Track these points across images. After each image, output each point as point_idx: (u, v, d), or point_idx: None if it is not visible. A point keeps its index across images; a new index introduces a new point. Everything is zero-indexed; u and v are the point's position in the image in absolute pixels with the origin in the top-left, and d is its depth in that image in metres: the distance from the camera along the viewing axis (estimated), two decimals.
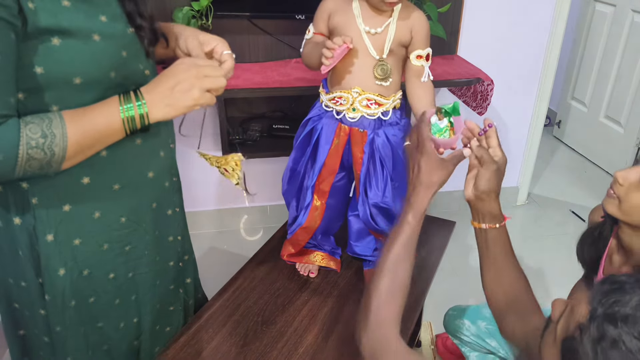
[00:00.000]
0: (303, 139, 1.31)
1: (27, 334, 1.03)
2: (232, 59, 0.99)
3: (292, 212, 1.40)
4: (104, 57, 0.83)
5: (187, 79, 0.86)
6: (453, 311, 1.46)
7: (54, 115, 0.78)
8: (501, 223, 1.03)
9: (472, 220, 1.06)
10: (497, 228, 1.02)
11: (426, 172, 0.94)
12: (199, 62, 0.89)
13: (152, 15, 0.94)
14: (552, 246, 2.41)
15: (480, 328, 1.37)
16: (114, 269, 0.99)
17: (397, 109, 1.28)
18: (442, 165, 0.95)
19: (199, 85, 0.86)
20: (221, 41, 1.01)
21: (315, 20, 1.26)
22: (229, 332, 1.18)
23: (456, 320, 1.42)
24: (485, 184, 0.99)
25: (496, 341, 1.34)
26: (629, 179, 0.92)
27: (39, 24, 0.75)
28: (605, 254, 1.07)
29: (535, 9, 2.26)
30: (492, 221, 1.02)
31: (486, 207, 1.02)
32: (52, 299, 0.94)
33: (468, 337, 1.39)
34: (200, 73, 0.87)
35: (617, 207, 0.95)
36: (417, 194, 0.94)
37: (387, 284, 0.91)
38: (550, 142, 3.50)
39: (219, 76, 0.89)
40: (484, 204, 1.01)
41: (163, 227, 1.07)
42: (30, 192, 0.87)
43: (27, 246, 0.91)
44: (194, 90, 0.86)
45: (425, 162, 0.94)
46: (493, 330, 1.35)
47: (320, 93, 1.31)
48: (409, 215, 0.93)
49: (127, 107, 0.83)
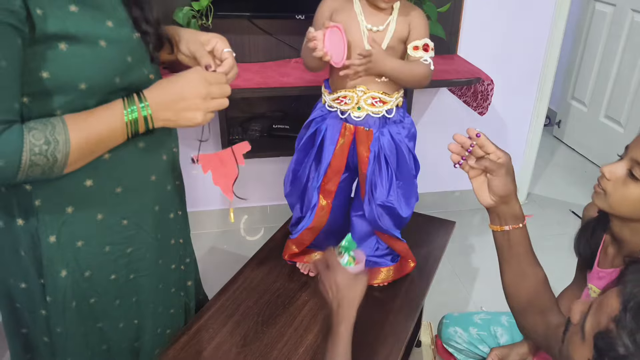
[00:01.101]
0: (306, 140, 1.31)
1: (29, 333, 1.03)
2: (232, 56, 0.99)
3: (297, 214, 1.40)
4: (110, 63, 0.83)
5: (194, 101, 0.86)
6: (446, 319, 1.47)
7: (57, 121, 0.78)
8: (523, 222, 1.03)
9: (491, 224, 1.05)
10: (520, 228, 1.02)
11: (346, 288, 1.01)
12: (209, 77, 0.89)
13: (159, 19, 0.94)
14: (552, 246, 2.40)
15: (472, 335, 1.38)
16: (116, 271, 0.99)
17: (400, 107, 1.28)
18: (356, 279, 1.03)
19: (204, 108, 0.87)
20: (220, 38, 1.00)
21: (316, 20, 1.25)
22: (229, 332, 1.18)
23: (449, 328, 1.43)
24: (502, 188, 0.99)
25: (488, 347, 1.35)
26: (616, 173, 0.95)
27: (47, 29, 0.75)
28: (601, 247, 1.09)
29: (535, 8, 2.26)
30: (515, 222, 1.02)
31: (510, 208, 1.01)
32: (53, 300, 0.94)
33: (461, 345, 1.40)
34: (207, 95, 0.87)
35: (604, 201, 0.97)
36: (344, 308, 1.00)
37: None
38: (550, 142, 3.50)
39: (225, 94, 0.90)
40: (507, 206, 1.01)
41: (165, 230, 1.07)
42: (34, 194, 0.87)
43: (29, 247, 0.91)
44: (198, 114, 0.87)
45: (342, 278, 1.02)
46: (485, 336, 1.36)
47: (323, 93, 1.30)
48: (341, 328, 0.99)
49: (131, 110, 0.83)
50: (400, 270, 1.40)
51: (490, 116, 2.38)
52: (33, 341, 1.03)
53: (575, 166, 3.22)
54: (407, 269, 1.40)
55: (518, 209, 1.02)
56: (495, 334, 1.35)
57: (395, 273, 1.39)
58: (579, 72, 3.32)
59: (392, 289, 1.36)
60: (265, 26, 1.96)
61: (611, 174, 0.95)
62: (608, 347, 0.60)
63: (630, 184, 0.93)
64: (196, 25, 1.81)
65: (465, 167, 1.02)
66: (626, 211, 0.95)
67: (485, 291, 2.12)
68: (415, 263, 1.40)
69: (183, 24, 1.75)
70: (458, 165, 1.03)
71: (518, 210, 1.02)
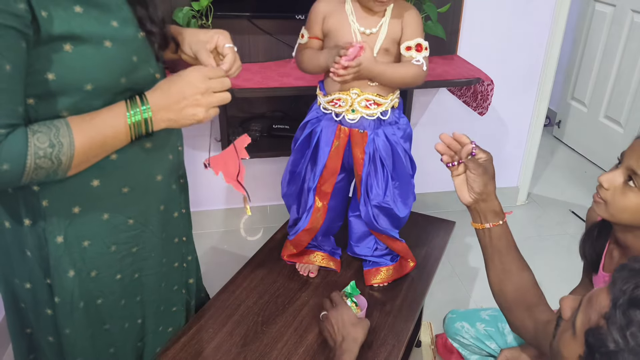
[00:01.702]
0: (302, 141, 1.31)
1: (34, 333, 1.03)
2: (233, 51, 0.98)
3: (294, 214, 1.40)
4: (115, 63, 0.83)
5: (194, 97, 0.86)
6: (452, 314, 1.47)
7: (61, 124, 0.78)
8: (504, 219, 1.05)
9: (473, 222, 1.07)
10: (500, 225, 1.04)
11: (351, 325, 1.10)
12: (208, 73, 0.88)
13: (163, 19, 0.94)
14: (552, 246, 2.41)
15: (479, 330, 1.37)
16: (121, 270, 1.00)
17: (395, 108, 1.28)
18: (360, 321, 1.12)
19: (205, 103, 0.87)
20: (222, 33, 1.00)
21: (309, 24, 1.25)
22: (229, 332, 1.18)
23: (455, 323, 1.42)
24: (481, 185, 1.02)
25: (495, 343, 1.34)
26: (614, 182, 0.95)
27: (52, 31, 0.75)
28: (605, 251, 1.08)
29: (535, 9, 2.26)
30: (495, 219, 1.04)
31: (488, 206, 1.03)
32: (61, 301, 0.94)
33: (467, 340, 1.39)
34: (207, 89, 0.87)
35: (605, 210, 0.97)
36: (348, 342, 1.07)
37: None
38: (550, 142, 3.50)
39: (225, 87, 0.90)
40: (486, 204, 1.03)
41: (170, 229, 1.08)
42: (41, 195, 0.87)
43: (35, 247, 0.91)
44: (199, 110, 0.87)
45: (347, 316, 1.11)
46: (492, 332, 1.35)
47: (318, 95, 1.30)
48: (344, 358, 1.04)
49: (134, 112, 0.83)
50: (399, 270, 1.40)
51: (490, 116, 2.38)
52: (37, 341, 1.03)
53: (575, 166, 3.22)
54: (407, 268, 1.40)
55: (497, 206, 1.04)
56: (503, 331, 1.34)
57: (394, 273, 1.39)
58: (579, 72, 3.32)
59: (392, 289, 1.36)
60: (265, 26, 1.96)
61: (609, 183, 0.95)
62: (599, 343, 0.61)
63: (629, 193, 0.92)
64: (196, 25, 1.81)
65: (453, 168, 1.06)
66: (627, 219, 0.95)
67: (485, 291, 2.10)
68: (415, 263, 1.40)
69: (183, 24, 1.75)
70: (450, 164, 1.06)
71: (497, 207, 1.04)
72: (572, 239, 2.47)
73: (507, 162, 2.62)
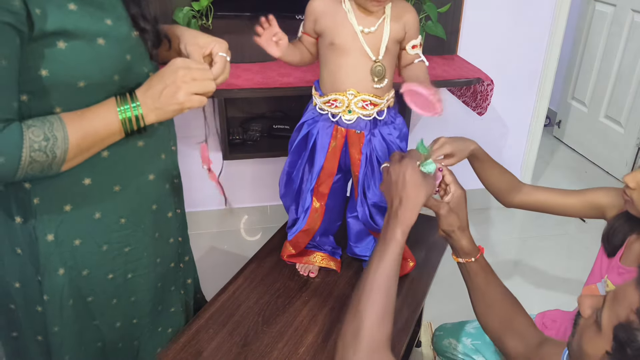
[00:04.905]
0: (299, 143, 1.31)
1: (20, 336, 1.03)
2: (223, 61, 0.96)
3: (292, 215, 1.40)
4: (109, 61, 0.84)
5: (173, 82, 0.84)
6: (439, 332, 1.47)
7: (54, 118, 0.79)
8: (476, 256, 1.03)
9: (452, 253, 1.07)
10: (473, 262, 1.03)
11: (412, 186, 0.91)
12: (189, 64, 0.87)
13: (156, 17, 0.94)
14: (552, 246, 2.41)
15: (466, 345, 1.38)
16: (113, 270, 1.00)
17: (391, 108, 1.28)
18: (425, 181, 0.93)
19: (185, 88, 0.84)
20: (219, 42, 0.99)
21: (304, 20, 1.26)
22: (229, 332, 1.18)
23: (443, 340, 1.43)
24: (445, 224, 1.01)
25: (483, 357, 1.35)
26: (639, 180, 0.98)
27: (46, 28, 0.76)
28: (627, 242, 1.11)
29: (535, 9, 2.26)
30: (466, 256, 1.03)
31: (457, 243, 1.03)
32: (50, 298, 0.94)
33: (456, 356, 1.40)
34: (186, 76, 0.85)
35: (634, 208, 1.01)
36: (405, 208, 0.90)
37: (381, 304, 0.85)
38: (550, 142, 3.51)
39: (207, 79, 0.87)
40: (453, 241, 1.03)
41: (163, 229, 1.07)
42: (33, 192, 0.87)
43: (26, 245, 0.91)
44: (180, 93, 0.84)
45: (411, 175, 0.92)
46: (479, 346, 1.36)
47: (314, 96, 1.30)
48: (397, 231, 0.89)
49: (124, 109, 0.84)
50: None
51: (490, 116, 2.38)
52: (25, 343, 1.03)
53: (575, 166, 3.22)
54: (407, 268, 1.40)
55: (467, 245, 1.02)
56: (490, 342, 1.34)
57: None
58: (579, 72, 3.32)
59: None
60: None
61: (635, 182, 0.98)
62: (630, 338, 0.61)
63: None
64: (196, 25, 1.81)
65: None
66: None
67: None
68: (414, 263, 1.40)
69: (183, 24, 1.75)
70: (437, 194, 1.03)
71: (465, 245, 1.02)
72: (572, 239, 2.47)
73: (507, 162, 2.62)
